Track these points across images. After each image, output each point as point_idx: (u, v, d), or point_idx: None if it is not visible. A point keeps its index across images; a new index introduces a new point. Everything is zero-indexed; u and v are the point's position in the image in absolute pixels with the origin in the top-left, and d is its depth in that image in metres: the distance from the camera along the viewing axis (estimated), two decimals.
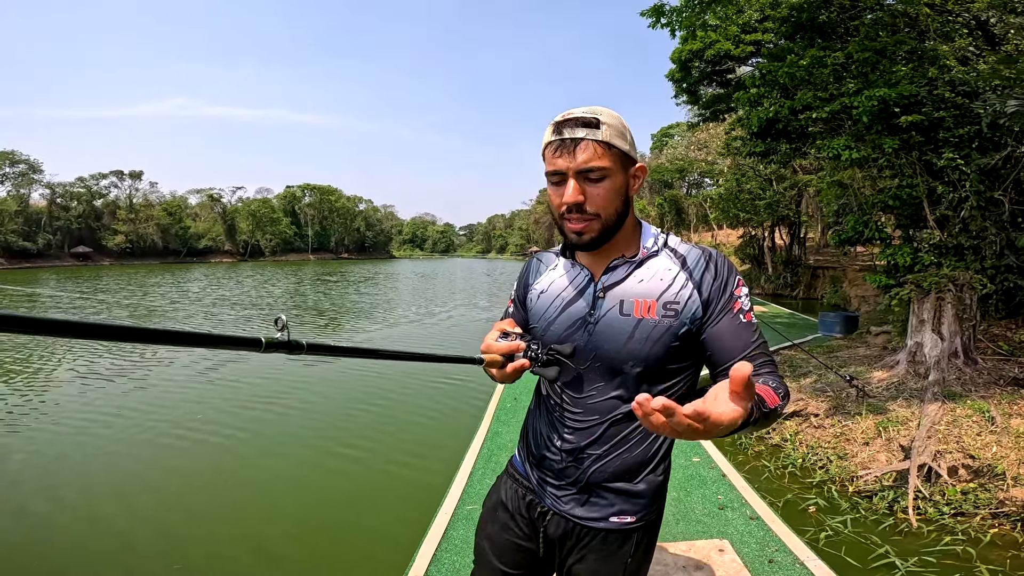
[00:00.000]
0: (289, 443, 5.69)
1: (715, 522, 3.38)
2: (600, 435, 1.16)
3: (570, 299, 1.19)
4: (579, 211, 1.07)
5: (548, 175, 1.09)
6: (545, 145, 1.09)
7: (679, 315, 1.09)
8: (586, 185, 1.06)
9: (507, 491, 1.31)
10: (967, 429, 4.44)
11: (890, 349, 7.46)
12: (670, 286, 1.11)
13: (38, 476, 4.85)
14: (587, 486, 1.17)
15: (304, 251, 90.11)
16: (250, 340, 0.81)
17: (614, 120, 1.08)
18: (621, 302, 1.12)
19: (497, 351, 1.12)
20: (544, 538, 1.22)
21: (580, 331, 1.16)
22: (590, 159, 1.04)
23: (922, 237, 6.82)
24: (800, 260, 21.90)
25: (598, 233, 1.09)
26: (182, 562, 3.52)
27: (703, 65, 11.97)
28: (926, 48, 6.39)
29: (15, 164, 62.93)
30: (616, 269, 1.15)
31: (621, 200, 1.10)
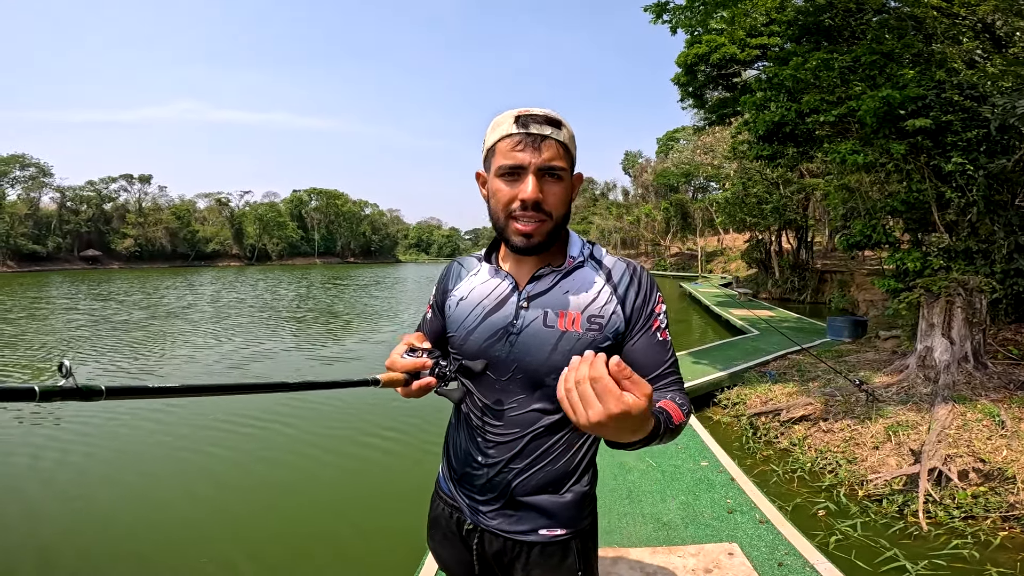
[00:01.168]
0: (300, 446, 5.72)
1: (724, 526, 3.38)
2: (522, 449, 1.11)
3: (492, 308, 1.14)
4: (536, 209, 1.03)
5: (501, 168, 1.03)
6: (502, 137, 1.03)
7: (603, 329, 1.07)
8: (543, 184, 1.03)
9: (435, 508, 1.28)
10: (977, 433, 4.43)
11: (899, 353, 7.43)
12: (595, 299, 1.09)
13: (71, 475, 4.92)
14: (512, 501, 1.13)
15: (310, 255, 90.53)
16: (23, 391, 0.59)
17: (570, 127, 1.08)
18: (546, 313, 1.08)
19: (401, 368, 1.05)
20: (478, 556, 1.18)
21: (501, 341, 1.11)
22: (554, 157, 1.02)
23: (931, 241, 6.81)
24: (807, 264, 21.80)
25: (546, 236, 1.06)
26: (208, 556, 3.62)
27: (709, 69, 11.99)
28: (933, 51, 6.39)
29: (25, 167, 63.72)
30: (542, 278, 1.11)
31: (568, 205, 1.09)
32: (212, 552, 3.69)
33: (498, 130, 1.05)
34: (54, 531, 3.96)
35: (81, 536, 3.92)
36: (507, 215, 1.05)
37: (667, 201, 46.03)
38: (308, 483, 4.89)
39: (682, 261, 47.59)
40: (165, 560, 3.61)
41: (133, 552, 3.71)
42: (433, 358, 1.08)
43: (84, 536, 3.92)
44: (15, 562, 3.58)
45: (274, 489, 4.77)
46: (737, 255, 34.29)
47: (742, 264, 30.47)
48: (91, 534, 3.95)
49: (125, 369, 9.27)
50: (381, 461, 5.35)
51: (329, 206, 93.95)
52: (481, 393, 1.15)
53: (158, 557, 3.64)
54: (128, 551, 3.73)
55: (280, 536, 3.93)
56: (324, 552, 3.73)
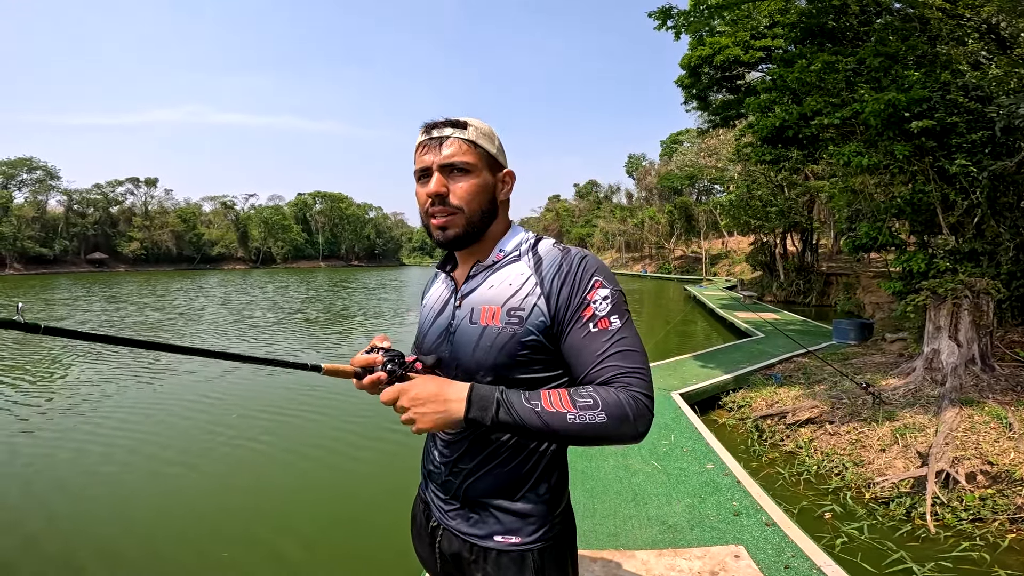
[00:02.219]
0: (303, 447, 5.74)
1: (730, 528, 3.38)
2: (468, 448, 1.12)
3: (438, 310, 1.20)
4: (442, 203, 1.08)
5: (416, 174, 1.12)
6: (416, 148, 1.12)
7: (523, 322, 1.04)
8: (450, 179, 1.08)
9: (416, 506, 1.32)
10: (985, 435, 4.40)
11: (906, 356, 7.40)
12: (516, 292, 1.08)
13: (79, 475, 4.97)
14: (468, 501, 1.14)
15: (315, 258, 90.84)
16: None
17: (483, 126, 1.12)
18: (472, 310, 1.11)
19: (355, 363, 1.11)
20: (439, 553, 1.19)
21: (444, 342, 1.15)
22: (455, 154, 1.07)
23: (937, 243, 6.78)
24: (813, 267, 21.73)
25: (462, 229, 1.09)
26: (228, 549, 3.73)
27: (712, 71, 12.01)
28: (938, 52, 6.38)
29: (32, 171, 64.22)
30: (475, 277, 1.14)
31: (487, 199, 1.11)
32: (232, 542, 3.82)
33: (416, 143, 1.13)
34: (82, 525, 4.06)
35: (114, 527, 4.06)
36: (426, 214, 1.12)
37: (671, 204, 46.00)
38: (317, 480, 4.94)
39: (686, 264, 47.53)
40: (184, 552, 3.75)
41: (152, 540, 3.86)
42: (388, 356, 1.11)
43: (117, 527, 4.06)
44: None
45: (287, 484, 4.86)
46: (742, 258, 34.23)
47: (747, 267, 30.39)
48: (121, 526, 4.08)
49: (154, 370, 9.33)
50: (377, 463, 5.37)
51: (333, 209, 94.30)
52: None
53: (178, 550, 3.78)
54: (150, 540, 3.89)
55: (292, 529, 3.99)
56: (334, 546, 3.76)
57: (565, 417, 0.92)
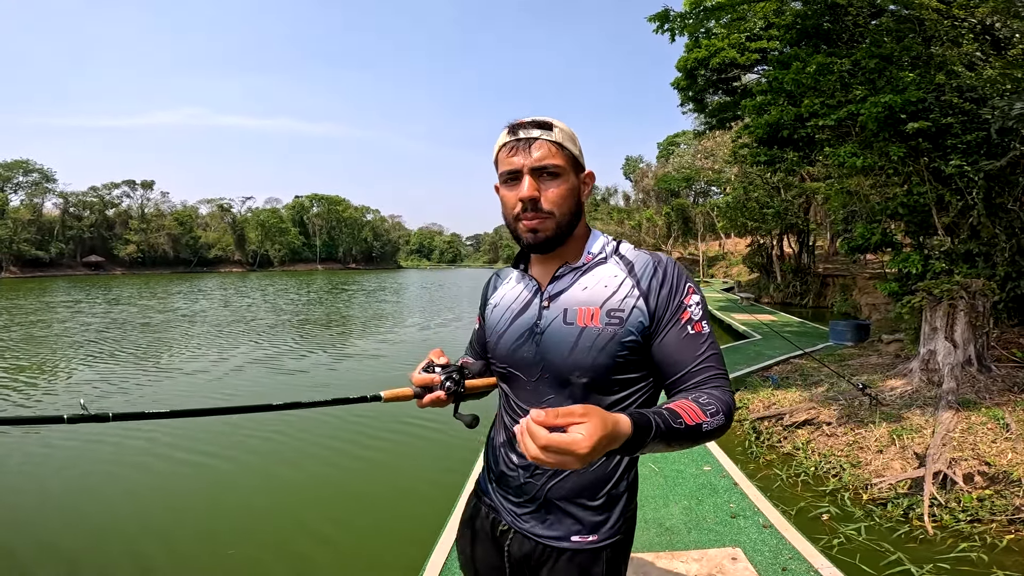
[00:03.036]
0: (298, 456, 5.71)
1: (728, 530, 3.36)
2: None
3: (519, 310, 1.18)
4: (534, 208, 1.07)
5: (503, 176, 1.10)
6: (499, 148, 1.11)
7: (624, 323, 1.06)
8: (541, 183, 1.07)
9: (472, 509, 1.30)
10: (982, 436, 4.40)
11: (903, 357, 7.40)
12: (614, 293, 1.08)
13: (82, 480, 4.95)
14: (545, 503, 1.13)
15: (312, 261, 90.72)
16: (52, 417, 0.90)
17: (565, 126, 1.11)
18: (565, 311, 1.10)
19: (415, 383, 1.16)
20: (508, 557, 1.18)
21: (528, 342, 1.14)
22: (545, 156, 1.06)
23: (933, 244, 6.78)
24: (809, 268, 21.77)
25: (553, 232, 1.09)
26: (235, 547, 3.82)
27: (709, 73, 12.04)
28: (933, 54, 6.39)
29: (28, 173, 64.07)
30: (562, 278, 1.14)
31: (574, 202, 1.11)
32: (237, 544, 3.88)
33: (498, 143, 1.12)
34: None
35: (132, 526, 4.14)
36: (514, 218, 1.10)
37: (668, 206, 46.06)
38: (319, 484, 4.98)
39: (683, 266, 47.53)
40: (199, 551, 3.85)
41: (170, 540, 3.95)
42: (446, 374, 1.16)
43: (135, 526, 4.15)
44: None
45: (291, 488, 4.90)
46: (739, 259, 34.29)
47: (744, 268, 30.45)
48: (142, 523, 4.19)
49: (171, 375, 9.35)
50: (374, 475, 5.33)
51: (331, 212, 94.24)
52: (515, 395, 1.18)
53: (190, 546, 3.90)
54: (168, 540, 3.98)
55: (296, 530, 4.03)
56: (330, 551, 3.76)
57: (701, 427, 0.93)
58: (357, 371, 9.93)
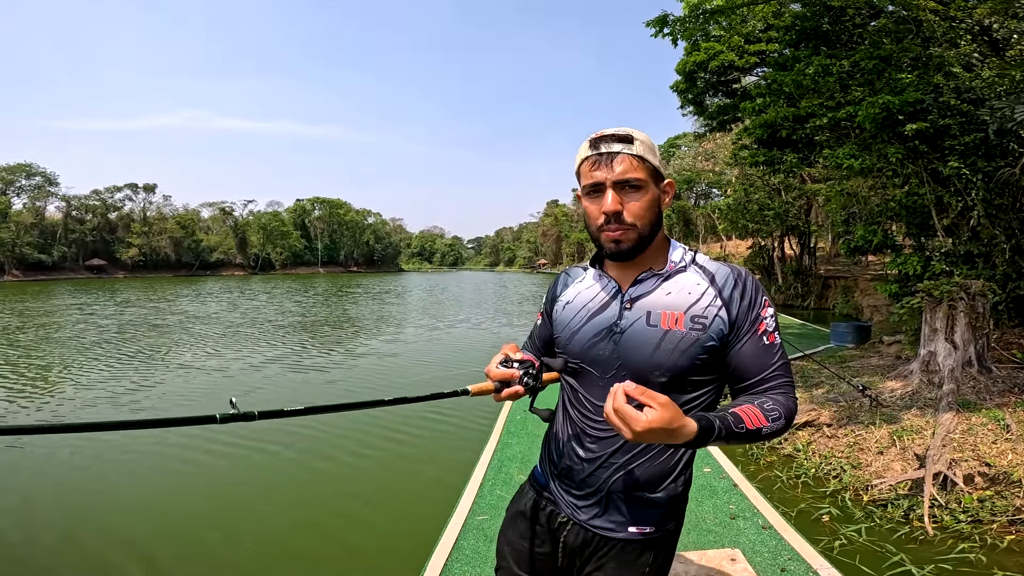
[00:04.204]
0: (297, 456, 5.71)
1: (727, 532, 3.36)
2: (623, 445, 1.17)
3: (596, 309, 1.22)
4: (618, 220, 1.11)
5: (586, 188, 1.15)
6: (581, 161, 1.15)
7: (706, 329, 1.12)
8: (623, 196, 1.11)
9: (528, 501, 1.33)
10: (982, 437, 4.39)
11: (903, 359, 7.39)
12: (698, 301, 1.14)
13: (90, 479, 4.96)
14: (607, 496, 1.18)
15: (314, 264, 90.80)
16: (205, 417, 0.96)
17: (645, 138, 1.14)
18: (648, 313, 1.15)
19: (494, 377, 1.20)
20: (564, 547, 1.24)
21: (606, 340, 1.18)
22: (627, 171, 1.10)
23: (933, 245, 6.78)
24: (810, 270, 21.76)
25: (635, 242, 1.13)
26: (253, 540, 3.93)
27: (708, 76, 12.03)
28: (931, 55, 6.40)
29: (31, 176, 64.18)
30: (644, 282, 1.18)
31: (655, 212, 1.15)
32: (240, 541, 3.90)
33: (579, 156, 1.17)
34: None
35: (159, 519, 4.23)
36: (598, 228, 1.15)
37: (669, 208, 46.07)
38: (321, 482, 5.00)
39: None
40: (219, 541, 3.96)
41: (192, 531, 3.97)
42: (523, 368, 1.20)
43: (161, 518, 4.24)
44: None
45: (292, 486, 4.92)
46: (740, 261, 34.25)
47: None
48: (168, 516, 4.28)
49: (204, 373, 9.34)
50: (375, 474, 5.34)
51: (332, 215, 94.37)
52: (585, 390, 1.23)
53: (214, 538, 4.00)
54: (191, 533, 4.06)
55: (294, 527, 4.05)
56: (331, 548, 3.76)
57: (760, 431, 1.02)
58: (381, 369, 10.25)
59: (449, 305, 26.17)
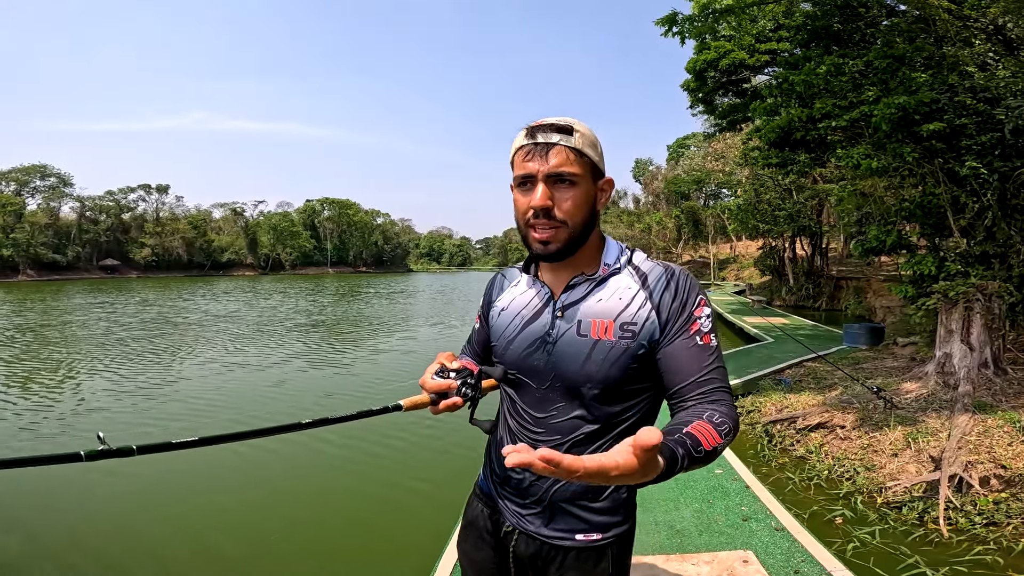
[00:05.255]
0: (309, 464, 5.73)
1: (739, 533, 3.35)
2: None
3: (529, 317, 1.16)
4: (547, 217, 1.04)
5: (517, 179, 1.07)
6: (516, 150, 1.07)
7: (636, 336, 1.05)
8: (555, 191, 1.04)
9: (474, 511, 1.30)
10: (998, 439, 4.35)
11: (918, 360, 7.32)
12: (628, 306, 1.07)
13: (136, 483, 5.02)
14: (551, 505, 1.14)
15: (323, 264, 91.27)
16: (69, 455, 0.83)
17: (586, 130, 1.07)
18: (579, 322, 1.09)
19: (430, 389, 1.14)
20: (514, 557, 1.19)
21: (539, 351, 1.13)
22: (562, 164, 1.02)
23: (948, 246, 6.71)
24: (822, 271, 21.58)
25: (564, 243, 1.06)
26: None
27: (718, 75, 11.97)
28: (945, 54, 6.34)
29: (46, 177, 64.99)
30: (576, 287, 1.12)
31: (589, 211, 1.08)
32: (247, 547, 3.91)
33: (514, 144, 1.08)
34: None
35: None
36: (525, 224, 1.08)
37: (678, 208, 45.91)
38: (328, 487, 5.00)
39: (694, 269, 47.28)
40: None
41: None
42: (460, 378, 1.13)
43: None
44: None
45: (299, 491, 4.93)
46: (750, 262, 34.09)
47: (755, 271, 30.26)
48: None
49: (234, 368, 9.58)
50: (382, 479, 5.36)
51: (341, 216, 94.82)
52: (522, 401, 1.17)
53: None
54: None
55: (306, 531, 4.05)
56: (338, 554, 3.78)
57: (716, 450, 0.93)
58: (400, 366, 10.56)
59: (457, 304, 26.46)
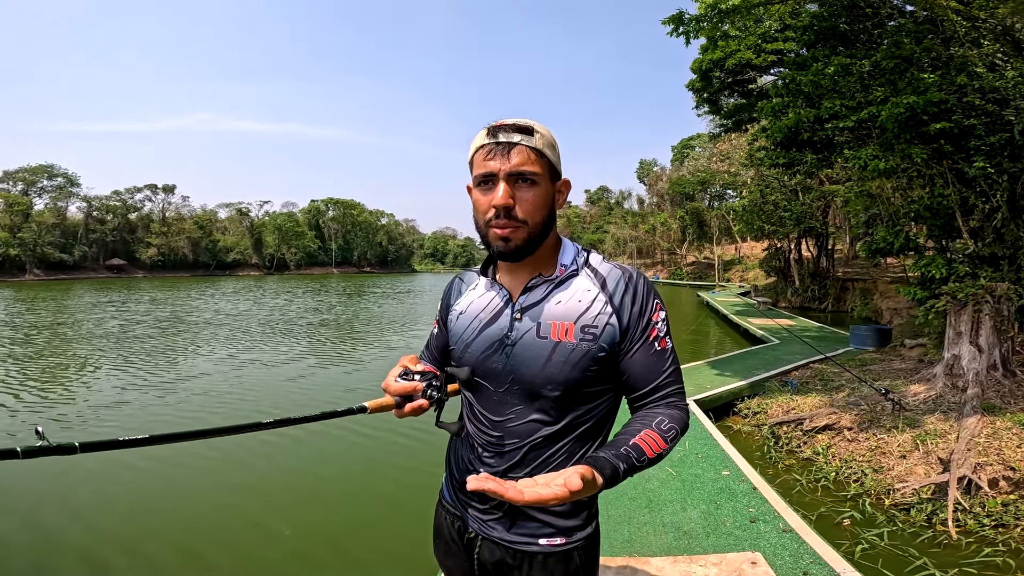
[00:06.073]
0: (316, 457, 5.78)
1: (747, 535, 3.34)
2: (521, 459, 1.11)
3: (487, 320, 1.16)
4: (507, 216, 1.04)
5: (477, 179, 1.07)
6: (476, 149, 1.08)
7: (597, 339, 1.06)
8: (516, 190, 1.04)
9: (440, 517, 1.30)
10: (1007, 441, 4.33)
11: (926, 362, 7.28)
12: (588, 309, 1.08)
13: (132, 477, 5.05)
14: (512, 509, 1.13)
15: (328, 264, 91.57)
16: (5, 452, 0.78)
17: (546, 132, 1.09)
18: (539, 324, 1.09)
19: (394, 392, 1.14)
20: (479, 564, 1.18)
21: (498, 353, 1.12)
22: (523, 163, 1.03)
23: (956, 248, 6.67)
24: (828, 272, 21.48)
25: (524, 241, 1.06)
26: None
27: (724, 75, 11.96)
28: (953, 55, 6.30)
29: (53, 177, 65.35)
30: (534, 289, 1.12)
31: (548, 210, 1.09)
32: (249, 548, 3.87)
33: (474, 143, 1.09)
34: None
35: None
36: (486, 223, 1.08)
37: (683, 209, 45.82)
38: (329, 486, 4.99)
39: (699, 270, 47.21)
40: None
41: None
42: (425, 380, 1.13)
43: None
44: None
45: (299, 490, 4.92)
46: (755, 264, 33.98)
47: (760, 273, 30.14)
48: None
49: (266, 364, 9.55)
50: (385, 478, 5.38)
51: (346, 216, 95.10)
52: (480, 404, 1.17)
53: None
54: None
55: (305, 532, 4.04)
56: (341, 554, 3.79)
57: (662, 453, 0.99)
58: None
59: None
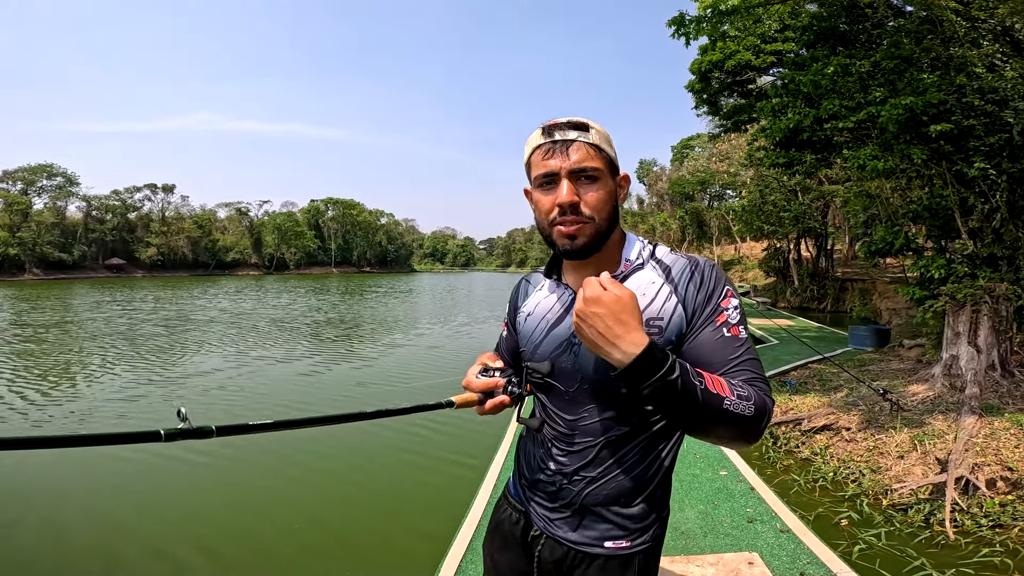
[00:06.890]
0: (315, 458, 5.76)
1: (744, 535, 3.34)
2: (594, 457, 1.10)
3: (554, 320, 1.15)
4: (574, 212, 1.03)
5: (537, 179, 1.06)
6: (532, 150, 1.07)
7: (663, 331, 1.04)
8: (579, 186, 1.03)
9: (503, 513, 1.28)
10: (1005, 442, 4.33)
11: (924, 362, 7.29)
12: (653, 300, 1.06)
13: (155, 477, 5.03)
14: (581, 509, 1.12)
15: (327, 264, 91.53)
16: (149, 434, 0.80)
17: (600, 128, 1.08)
18: None
19: (476, 388, 1.15)
20: (539, 563, 1.17)
21: (566, 353, 1.12)
22: (583, 159, 1.02)
23: (955, 248, 6.67)
24: (827, 272, 21.49)
25: (591, 238, 1.05)
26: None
27: (723, 76, 11.95)
28: (953, 55, 6.30)
29: (52, 177, 65.26)
30: None
31: (612, 206, 1.07)
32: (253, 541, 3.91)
33: (530, 144, 1.08)
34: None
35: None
36: (550, 223, 1.06)
37: (682, 209, 45.76)
38: (338, 480, 5.04)
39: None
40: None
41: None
42: (505, 376, 1.14)
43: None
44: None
45: (310, 484, 4.98)
46: (755, 264, 33.94)
47: (760, 273, 30.12)
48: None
49: None
50: (389, 476, 5.39)
51: (346, 216, 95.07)
52: (552, 403, 1.17)
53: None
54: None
55: (313, 525, 4.06)
56: (347, 546, 3.79)
57: (723, 402, 0.90)
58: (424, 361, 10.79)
59: (462, 306, 26.66)
